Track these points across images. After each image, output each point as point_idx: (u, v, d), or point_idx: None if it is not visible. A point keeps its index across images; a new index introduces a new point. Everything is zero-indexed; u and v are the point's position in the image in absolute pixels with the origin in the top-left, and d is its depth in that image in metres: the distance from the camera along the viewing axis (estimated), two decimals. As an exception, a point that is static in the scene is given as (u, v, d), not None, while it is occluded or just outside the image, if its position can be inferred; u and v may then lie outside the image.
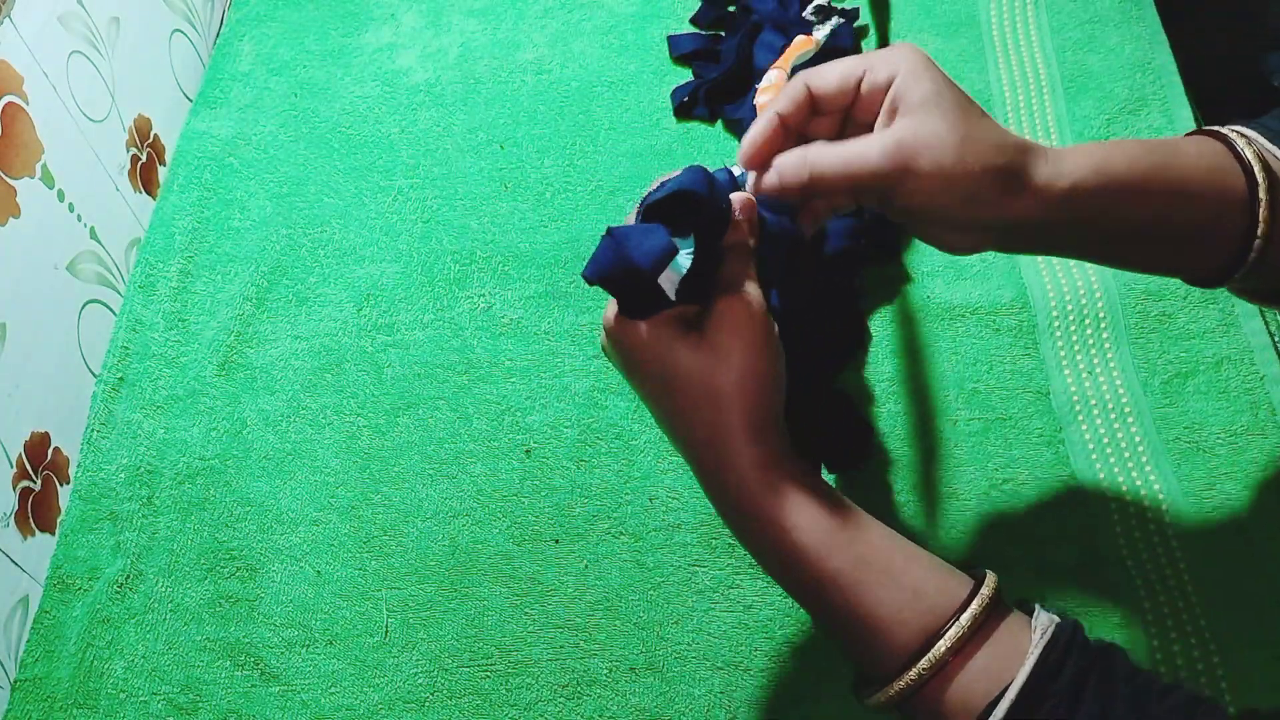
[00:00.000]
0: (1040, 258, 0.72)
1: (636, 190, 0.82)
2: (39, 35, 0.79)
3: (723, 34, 0.89)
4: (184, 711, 0.66)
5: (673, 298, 0.48)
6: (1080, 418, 0.66)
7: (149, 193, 0.92)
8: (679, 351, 0.48)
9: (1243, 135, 0.50)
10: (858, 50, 0.84)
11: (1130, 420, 0.65)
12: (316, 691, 0.66)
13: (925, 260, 0.74)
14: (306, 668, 0.67)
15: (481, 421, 0.74)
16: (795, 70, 0.64)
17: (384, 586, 0.69)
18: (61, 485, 0.78)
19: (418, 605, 0.67)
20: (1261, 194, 0.48)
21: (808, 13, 0.80)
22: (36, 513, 0.75)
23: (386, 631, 0.67)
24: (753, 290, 0.49)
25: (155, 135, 0.94)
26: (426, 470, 0.72)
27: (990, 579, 0.46)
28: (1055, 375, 0.67)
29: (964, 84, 0.80)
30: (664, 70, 0.89)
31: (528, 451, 0.72)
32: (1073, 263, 0.71)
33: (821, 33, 0.76)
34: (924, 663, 0.44)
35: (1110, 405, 0.66)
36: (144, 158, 0.92)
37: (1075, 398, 0.66)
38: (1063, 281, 0.71)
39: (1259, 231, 0.48)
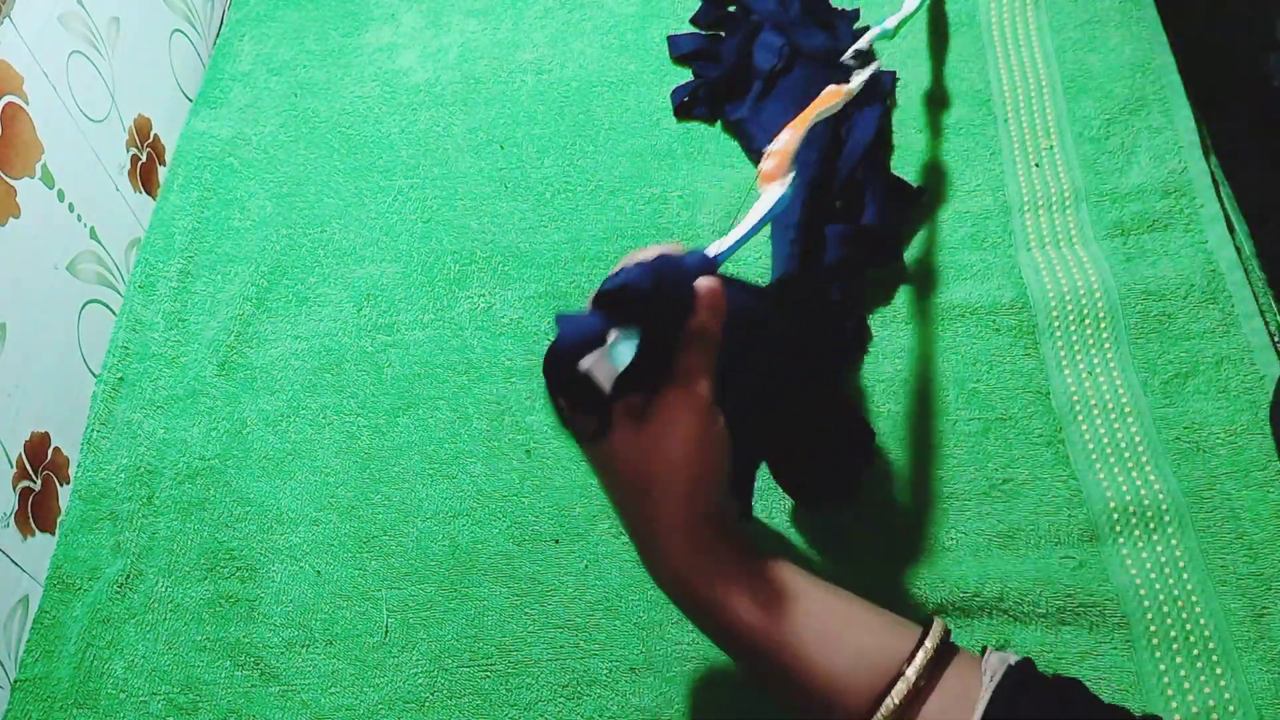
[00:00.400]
0: (1040, 257, 0.72)
1: (636, 190, 0.82)
2: (39, 35, 0.79)
3: (723, 34, 0.89)
4: (184, 711, 0.66)
5: (606, 389, 0.47)
6: (1080, 418, 0.66)
7: (149, 193, 0.92)
8: (615, 442, 0.48)
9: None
10: (893, 98, 0.81)
11: (1130, 420, 0.65)
12: (316, 691, 0.66)
13: (925, 260, 0.74)
14: (306, 668, 0.67)
15: (481, 421, 0.74)
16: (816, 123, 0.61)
17: (384, 586, 0.69)
18: (61, 485, 0.78)
19: (418, 605, 0.67)
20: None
21: (846, 58, 0.75)
22: (36, 513, 0.75)
23: (386, 631, 0.67)
24: (702, 383, 0.48)
25: (155, 135, 0.94)
26: (426, 470, 0.72)
27: (936, 627, 0.47)
28: (1055, 375, 0.67)
29: (964, 84, 0.81)
30: (664, 70, 0.89)
31: (528, 451, 0.72)
32: (1072, 263, 0.71)
33: (858, 80, 0.71)
34: (877, 717, 0.44)
35: (1110, 405, 0.66)
36: (144, 158, 0.92)
37: (1075, 398, 0.66)
38: (1063, 281, 0.70)
39: None
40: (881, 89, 0.80)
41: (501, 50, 0.93)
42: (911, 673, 0.45)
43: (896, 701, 0.44)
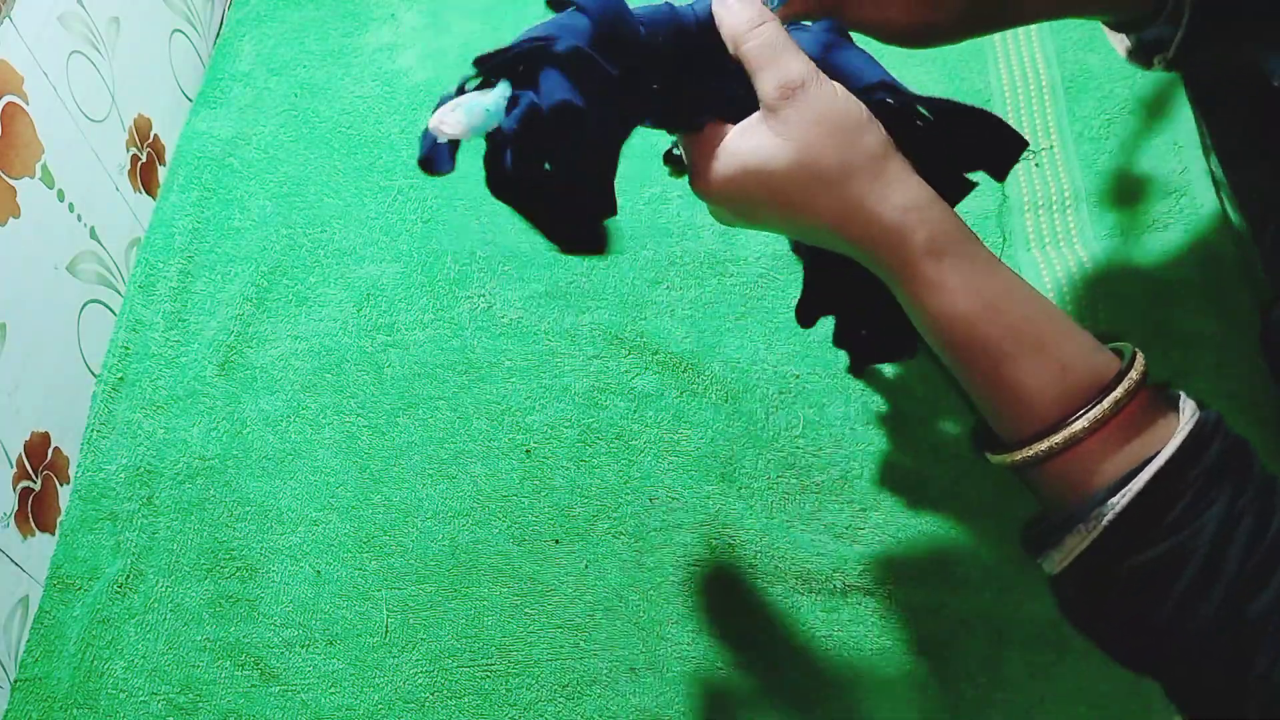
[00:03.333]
0: (1040, 257, 0.72)
1: (636, 190, 0.82)
2: (39, 35, 0.79)
3: None
4: (184, 711, 0.66)
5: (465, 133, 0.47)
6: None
7: (149, 193, 0.92)
8: (761, 154, 0.47)
9: None
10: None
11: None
12: (316, 691, 0.66)
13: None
14: (306, 668, 0.67)
15: (481, 421, 0.74)
16: None
17: (384, 586, 0.69)
18: (61, 485, 0.78)
19: (418, 605, 0.67)
20: None
21: None
22: (36, 513, 0.75)
23: (386, 631, 0.67)
24: (794, 65, 0.47)
25: (155, 135, 0.94)
26: (426, 470, 0.72)
27: (1139, 361, 0.46)
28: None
29: (964, 83, 0.81)
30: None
31: (528, 451, 0.72)
32: (1072, 262, 0.71)
33: None
34: (1059, 436, 0.44)
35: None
36: (144, 158, 0.92)
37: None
38: (1063, 282, 0.71)
39: None
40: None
41: (501, 50, 0.93)
42: (1108, 401, 0.44)
43: (1087, 424, 0.44)
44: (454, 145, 0.48)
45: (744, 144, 0.48)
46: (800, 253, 0.61)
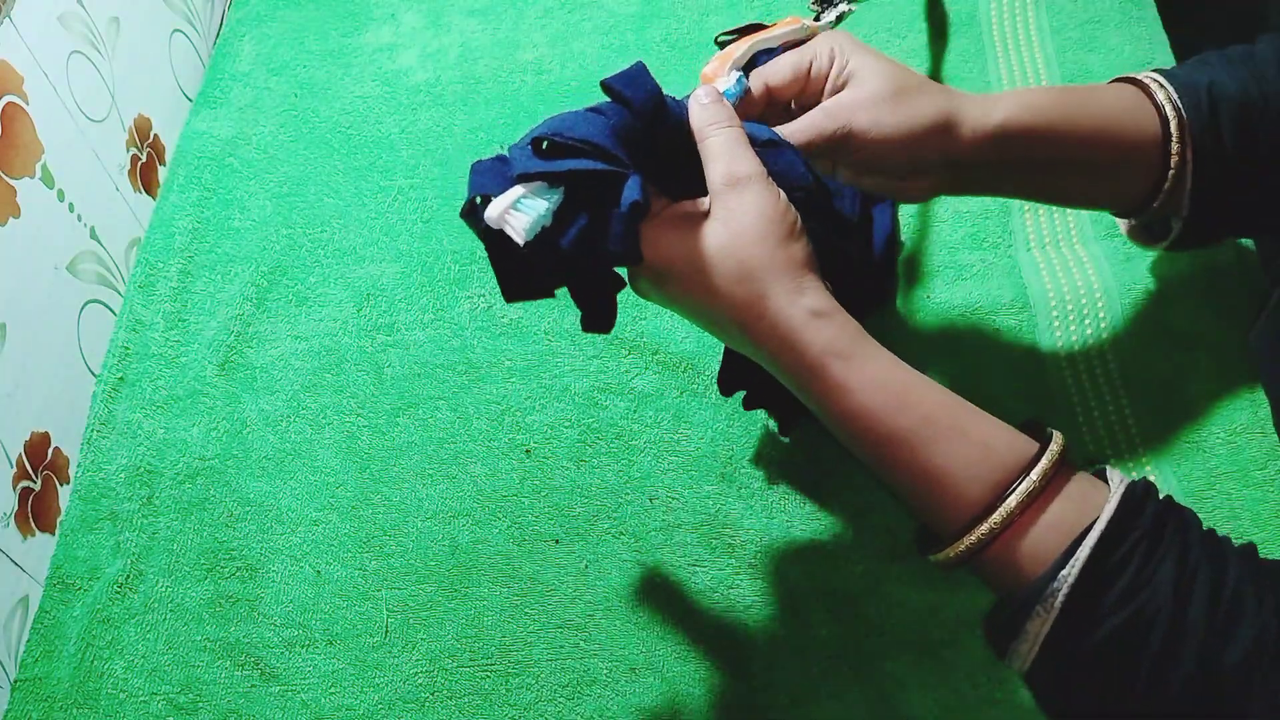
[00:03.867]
0: (1040, 257, 0.72)
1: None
2: (39, 35, 0.79)
3: None
4: (184, 711, 0.66)
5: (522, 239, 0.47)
6: (1080, 418, 0.66)
7: (149, 193, 0.92)
8: (695, 228, 0.49)
9: (1156, 82, 0.56)
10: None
11: (1130, 420, 0.65)
12: (316, 691, 0.66)
13: (925, 260, 0.74)
14: (306, 668, 0.67)
15: (481, 421, 0.74)
16: (758, 54, 0.60)
17: (384, 586, 0.69)
18: (61, 485, 0.78)
19: (418, 605, 0.67)
20: (1173, 131, 0.54)
21: (810, 2, 0.75)
22: (36, 513, 0.75)
23: (386, 631, 0.67)
24: (743, 163, 0.50)
25: (155, 135, 0.94)
26: (426, 470, 0.72)
27: (1057, 438, 0.46)
28: (1054, 375, 0.67)
29: (964, 84, 0.81)
30: (664, 71, 0.89)
31: (528, 451, 0.72)
32: (1072, 263, 0.71)
33: (827, 17, 0.70)
34: (996, 516, 0.44)
35: (1110, 405, 0.66)
36: (144, 158, 0.92)
37: (1075, 398, 0.66)
38: (1063, 281, 0.71)
39: (1171, 163, 0.54)
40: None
41: (502, 50, 0.93)
42: (1036, 472, 0.44)
43: (1021, 498, 0.44)
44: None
45: (682, 215, 0.50)
46: None
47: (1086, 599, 0.42)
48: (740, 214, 0.49)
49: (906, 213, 0.76)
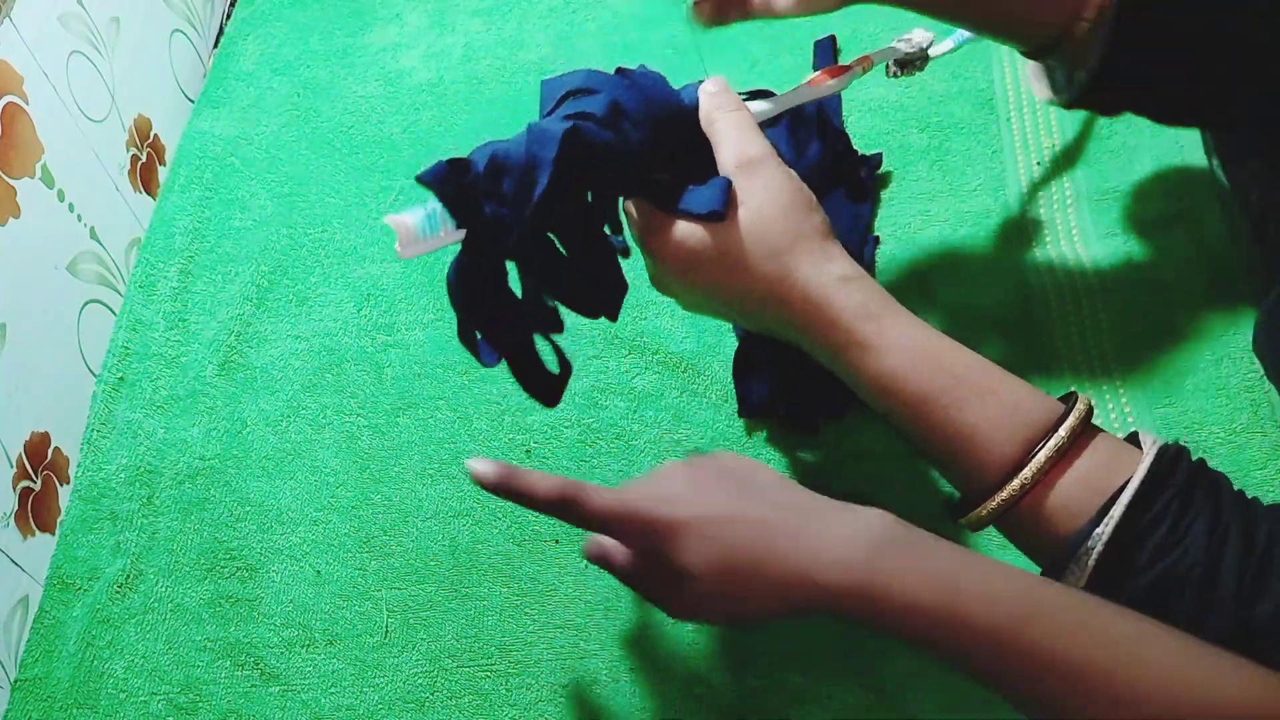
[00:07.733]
0: (1040, 256, 0.72)
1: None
2: (39, 35, 0.79)
3: None
4: (184, 711, 0.66)
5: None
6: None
7: (149, 193, 0.92)
8: (713, 225, 0.50)
9: None
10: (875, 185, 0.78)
11: (1130, 419, 0.65)
12: (316, 691, 0.66)
13: (925, 260, 0.74)
14: (306, 668, 0.67)
15: (481, 421, 0.74)
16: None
17: (384, 586, 0.68)
18: (61, 485, 0.78)
19: (418, 605, 0.67)
20: None
21: (888, 70, 0.68)
22: (36, 513, 0.75)
23: (386, 631, 0.67)
24: (752, 146, 0.51)
25: (155, 135, 0.94)
26: (426, 470, 0.72)
27: (1083, 398, 0.47)
28: (1054, 375, 0.67)
29: (967, 84, 0.81)
30: (666, 71, 0.88)
31: (528, 451, 0.72)
32: (1073, 261, 0.71)
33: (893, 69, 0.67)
34: (1027, 471, 0.45)
35: (1110, 404, 0.66)
36: (144, 158, 0.92)
37: (1076, 398, 0.66)
38: (1063, 280, 0.70)
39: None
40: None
41: (505, 50, 0.93)
42: (1065, 429, 0.45)
43: (1050, 453, 0.44)
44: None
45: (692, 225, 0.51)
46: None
47: (1121, 556, 0.42)
48: (759, 193, 0.49)
49: (902, 218, 0.76)
